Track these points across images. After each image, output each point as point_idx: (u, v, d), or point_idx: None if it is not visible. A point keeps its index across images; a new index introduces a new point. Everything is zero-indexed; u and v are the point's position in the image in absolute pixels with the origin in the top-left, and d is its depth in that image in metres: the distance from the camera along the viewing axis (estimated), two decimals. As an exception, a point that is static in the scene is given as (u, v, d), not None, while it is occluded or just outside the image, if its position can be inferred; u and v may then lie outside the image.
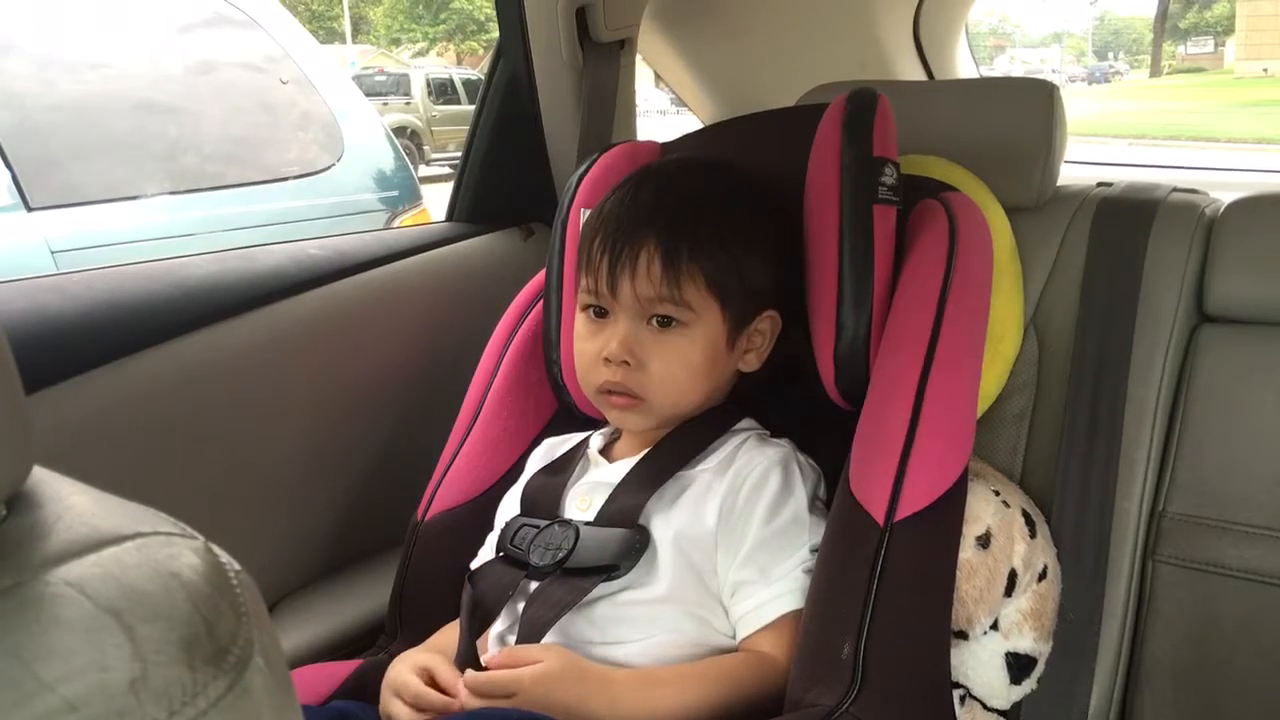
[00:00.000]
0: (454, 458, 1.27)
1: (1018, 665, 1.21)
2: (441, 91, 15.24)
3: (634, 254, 1.03)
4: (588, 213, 1.19)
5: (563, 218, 1.25)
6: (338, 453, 1.46)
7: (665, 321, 1.05)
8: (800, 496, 1.04)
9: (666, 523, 1.03)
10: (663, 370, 1.06)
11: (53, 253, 2.59)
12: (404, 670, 1.01)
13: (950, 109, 1.49)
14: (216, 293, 1.32)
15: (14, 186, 2.58)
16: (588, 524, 1.05)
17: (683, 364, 1.06)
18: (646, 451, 1.10)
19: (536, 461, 1.21)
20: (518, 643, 0.98)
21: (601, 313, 1.08)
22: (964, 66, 2.57)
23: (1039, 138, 1.40)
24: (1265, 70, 24.25)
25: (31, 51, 2.76)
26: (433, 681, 0.99)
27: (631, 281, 1.04)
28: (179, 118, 3.03)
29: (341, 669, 1.14)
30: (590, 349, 1.09)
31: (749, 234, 1.07)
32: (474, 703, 0.93)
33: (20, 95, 2.70)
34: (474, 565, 1.14)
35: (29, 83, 2.72)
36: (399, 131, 11.37)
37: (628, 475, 1.08)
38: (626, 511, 1.04)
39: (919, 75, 2.41)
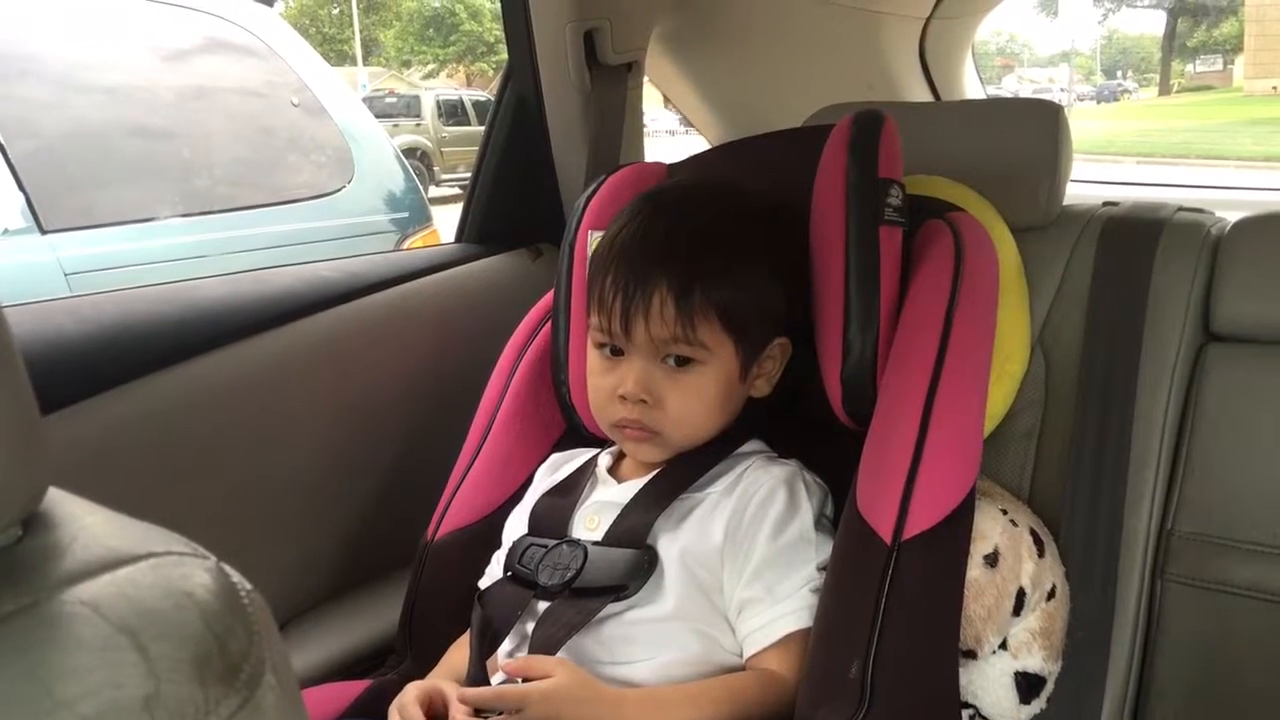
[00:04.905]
0: (463, 478, 1.27)
1: (1027, 684, 1.20)
2: (452, 113, 15.29)
3: (646, 296, 1.03)
4: (595, 234, 1.20)
5: (570, 239, 1.26)
6: (348, 473, 1.46)
7: (681, 361, 1.05)
8: (806, 514, 1.04)
9: (673, 541, 1.03)
10: (679, 407, 1.06)
11: (66, 275, 2.60)
12: (408, 698, 1.01)
13: (956, 129, 1.50)
14: (228, 314, 1.33)
15: (28, 210, 2.60)
16: (596, 544, 1.05)
17: (699, 400, 1.06)
18: (655, 472, 1.10)
19: (543, 477, 1.22)
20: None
21: (616, 351, 1.08)
22: (970, 87, 2.59)
23: (1045, 157, 1.40)
24: (1275, 88, 24.23)
25: (47, 75, 2.79)
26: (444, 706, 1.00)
27: (645, 323, 1.03)
28: (191, 142, 3.05)
29: (351, 689, 1.14)
30: (605, 385, 1.09)
31: (760, 265, 1.07)
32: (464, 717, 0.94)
33: (35, 119, 2.72)
34: (482, 584, 1.14)
35: (44, 107, 2.74)
36: (409, 152, 11.39)
37: (636, 495, 1.08)
38: (635, 531, 1.04)
39: (925, 96, 2.42)
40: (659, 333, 1.03)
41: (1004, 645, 1.19)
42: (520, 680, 0.95)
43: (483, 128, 1.83)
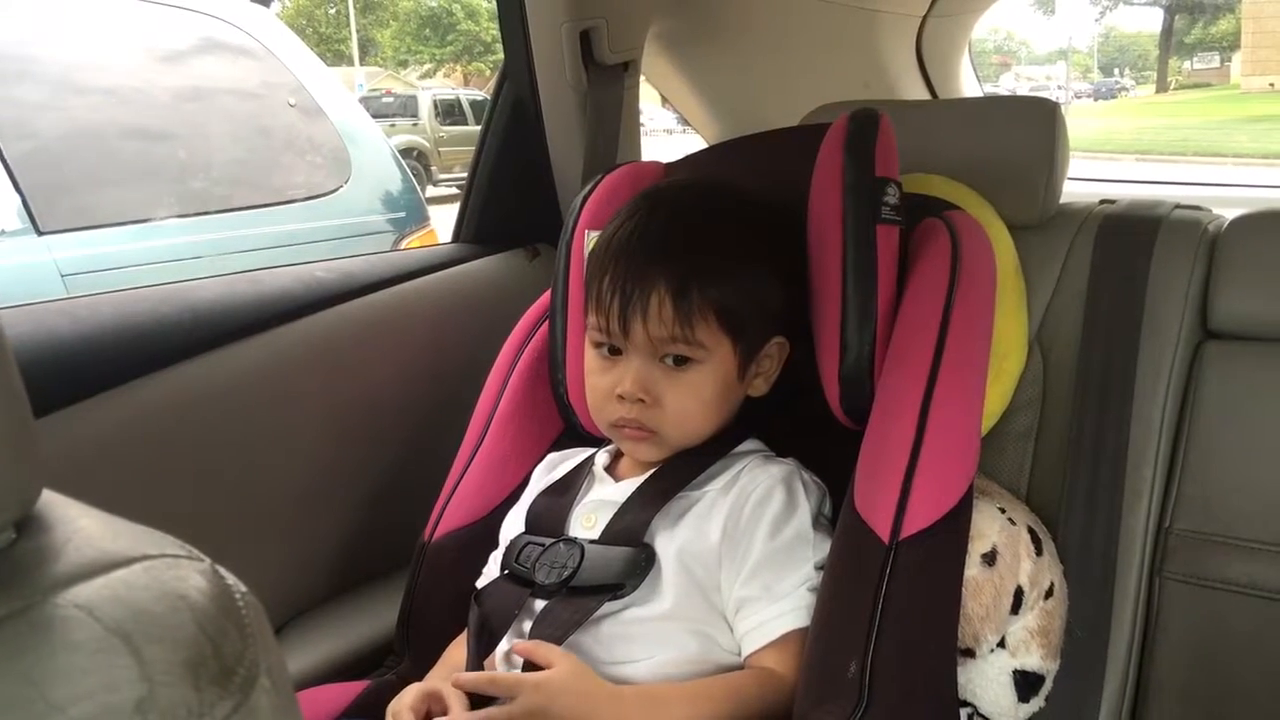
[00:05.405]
0: (461, 478, 1.27)
1: (1025, 683, 1.21)
2: (449, 112, 15.30)
3: (644, 296, 1.03)
4: (592, 234, 1.20)
5: (568, 239, 1.26)
6: (345, 473, 1.46)
7: (679, 360, 1.05)
8: (804, 513, 1.04)
9: (670, 539, 1.03)
10: (677, 406, 1.06)
11: (62, 276, 2.60)
12: (402, 704, 1.01)
13: (953, 127, 1.50)
14: (224, 315, 1.33)
15: (24, 211, 2.60)
16: (593, 542, 1.05)
17: (696, 399, 1.06)
18: (653, 471, 1.10)
19: (540, 476, 1.22)
20: (523, 669, 0.98)
21: (614, 350, 1.08)
22: (967, 85, 2.59)
23: (1041, 155, 1.40)
24: (1271, 85, 24.26)
25: (44, 76, 2.79)
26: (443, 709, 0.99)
27: (643, 323, 1.03)
28: (187, 142, 3.05)
29: (349, 690, 1.14)
30: (603, 385, 1.09)
31: (757, 263, 1.07)
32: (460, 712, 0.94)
33: (32, 120, 2.72)
34: (479, 584, 1.14)
35: (41, 108, 2.74)
36: (406, 152, 11.37)
37: (633, 494, 1.08)
38: (632, 530, 1.04)
39: (922, 94, 2.42)
40: (657, 332, 1.03)
41: (1002, 644, 1.20)
42: (523, 665, 0.96)
43: (480, 127, 1.83)
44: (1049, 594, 1.23)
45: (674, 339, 1.03)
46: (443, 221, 3.10)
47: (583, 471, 1.17)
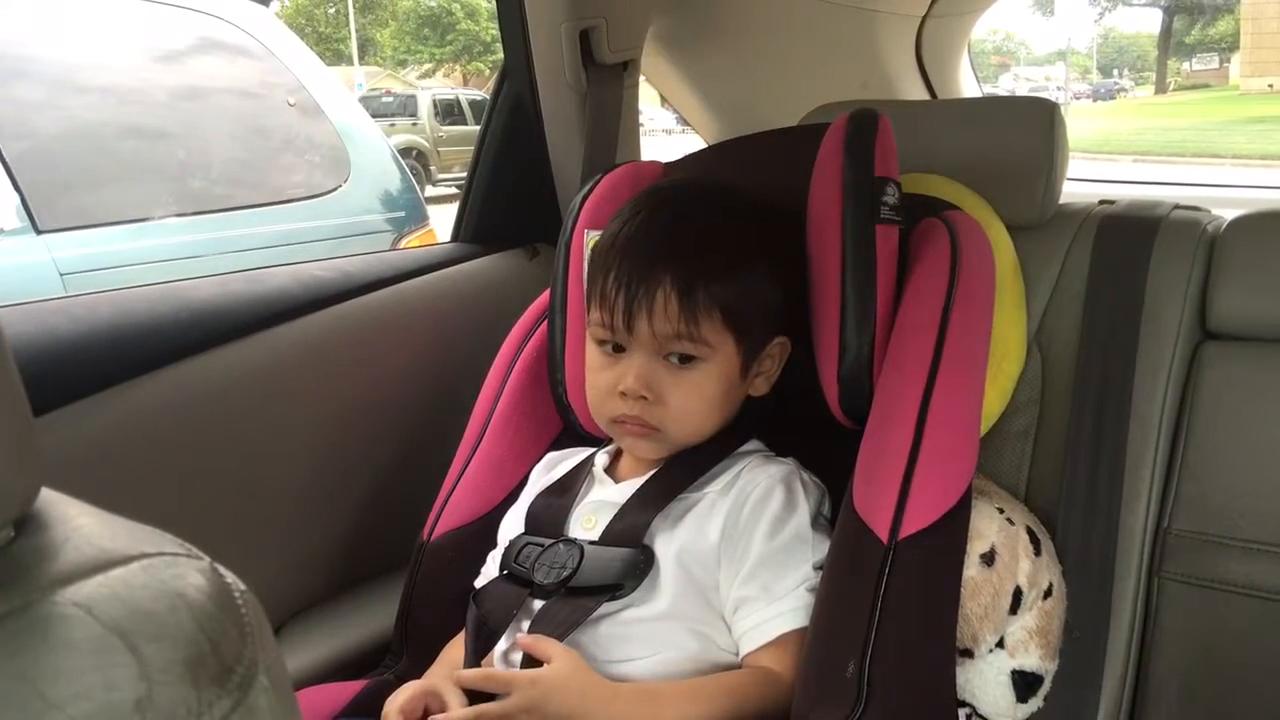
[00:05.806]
0: (459, 477, 1.27)
1: (1024, 683, 1.20)
2: (448, 112, 15.29)
3: (650, 292, 1.03)
4: (592, 233, 1.20)
5: (567, 238, 1.26)
6: (344, 473, 1.46)
7: (684, 359, 1.05)
8: (803, 513, 1.04)
9: (670, 540, 1.03)
10: (680, 404, 1.06)
11: (61, 275, 2.60)
12: (394, 706, 1.01)
13: (952, 128, 1.50)
14: (222, 315, 1.32)
15: (23, 210, 2.60)
16: (592, 543, 1.05)
17: (700, 398, 1.06)
18: (653, 472, 1.10)
19: (539, 475, 1.22)
20: (523, 665, 0.98)
21: (617, 348, 1.08)
22: (967, 85, 2.59)
23: (1040, 156, 1.40)
24: (1270, 86, 24.26)
25: (42, 75, 2.78)
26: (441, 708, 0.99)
27: (649, 320, 1.03)
28: (186, 142, 3.05)
29: (347, 689, 1.14)
30: (604, 381, 1.09)
31: (761, 263, 1.07)
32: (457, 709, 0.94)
33: (30, 120, 2.71)
34: (478, 584, 1.14)
35: (39, 108, 2.74)
36: (405, 152, 11.35)
37: (633, 496, 1.08)
38: (631, 531, 1.04)
39: (921, 94, 2.42)
40: (662, 329, 1.03)
41: (1001, 644, 1.20)
42: (521, 660, 0.96)
43: (479, 127, 1.83)
44: (1047, 594, 1.23)
45: (679, 336, 1.03)
46: (442, 221, 3.10)
47: (582, 472, 1.17)
